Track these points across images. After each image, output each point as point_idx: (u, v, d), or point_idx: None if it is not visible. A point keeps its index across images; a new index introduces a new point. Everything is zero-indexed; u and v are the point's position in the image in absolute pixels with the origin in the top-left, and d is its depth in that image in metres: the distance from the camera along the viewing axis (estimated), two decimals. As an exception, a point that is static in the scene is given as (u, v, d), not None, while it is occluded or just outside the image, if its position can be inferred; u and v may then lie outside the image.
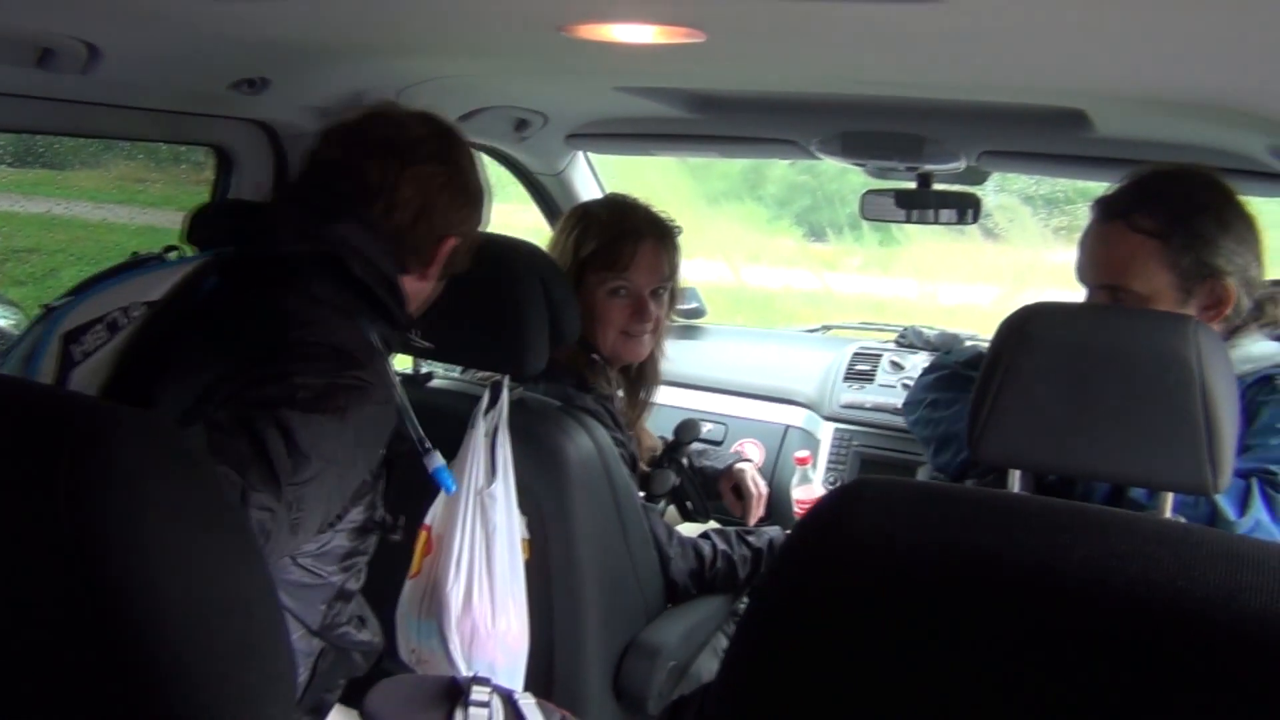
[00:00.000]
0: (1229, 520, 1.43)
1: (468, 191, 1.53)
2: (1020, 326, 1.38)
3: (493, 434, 1.73)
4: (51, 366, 1.31)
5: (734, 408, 2.80)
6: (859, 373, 2.77)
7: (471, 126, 2.28)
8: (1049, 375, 1.34)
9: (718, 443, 2.71)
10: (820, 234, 6.63)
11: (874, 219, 2.64)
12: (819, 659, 0.58)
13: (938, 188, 2.52)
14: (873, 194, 2.58)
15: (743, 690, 0.61)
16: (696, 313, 3.19)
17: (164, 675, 0.60)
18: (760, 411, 2.78)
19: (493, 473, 1.71)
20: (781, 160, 5.07)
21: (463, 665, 1.67)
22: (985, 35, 1.25)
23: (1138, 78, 1.53)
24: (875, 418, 2.65)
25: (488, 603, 1.69)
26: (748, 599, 1.99)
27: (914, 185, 2.51)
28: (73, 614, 0.58)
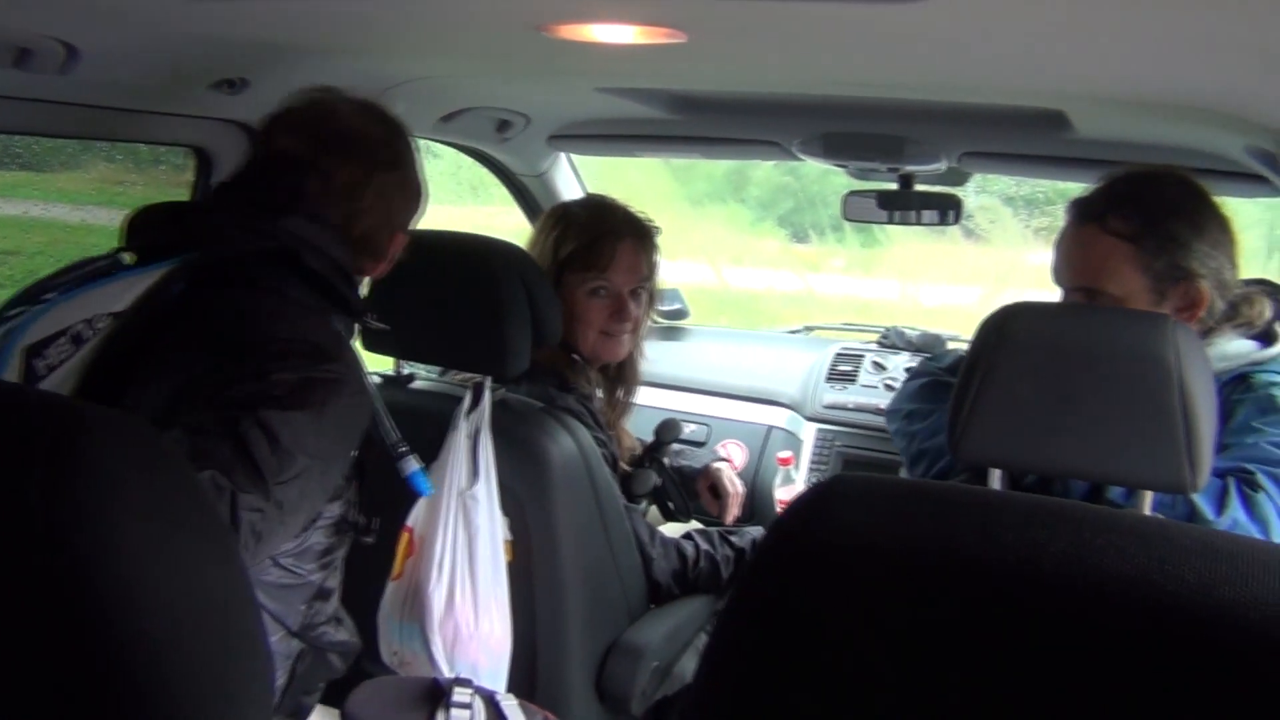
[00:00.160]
0: (1207, 520, 1.43)
1: (417, 190, 1.56)
2: (999, 326, 1.38)
3: (474, 435, 1.72)
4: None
5: (717, 409, 2.81)
6: (841, 373, 2.78)
7: (453, 127, 2.28)
8: (1028, 375, 1.34)
9: (701, 443, 2.72)
10: (803, 235, 6.64)
11: (856, 220, 2.65)
12: (796, 657, 0.58)
13: (919, 189, 2.53)
14: (855, 195, 2.59)
15: (721, 689, 0.61)
16: (679, 314, 3.19)
17: (140, 674, 0.60)
18: (743, 412, 2.78)
19: (475, 474, 1.71)
20: (765, 162, 5.09)
21: (445, 667, 1.67)
22: (963, 36, 1.25)
23: (1116, 79, 1.54)
24: (858, 418, 2.66)
25: (470, 604, 1.69)
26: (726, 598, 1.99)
27: (896, 186, 2.52)
28: (47, 612, 0.57)
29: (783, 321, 3.47)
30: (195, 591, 0.63)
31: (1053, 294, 1.69)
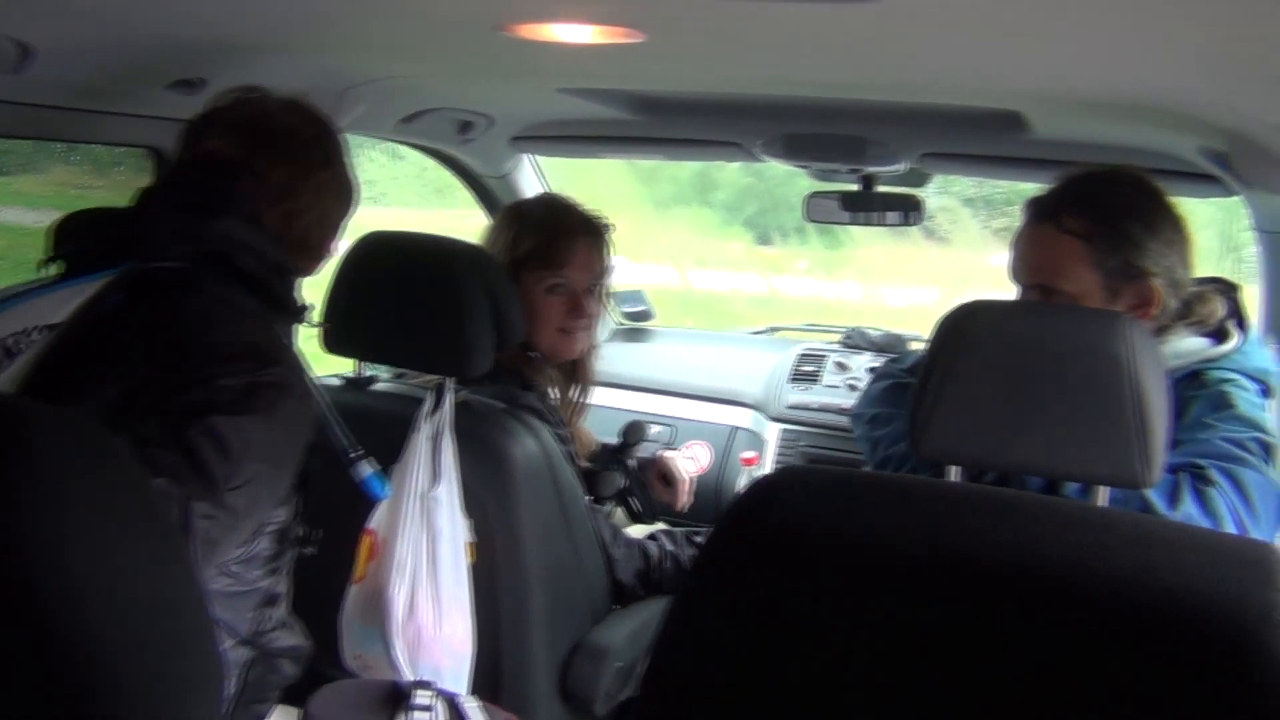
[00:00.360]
0: (1160, 514, 1.45)
1: (350, 187, 1.56)
2: (956, 325, 1.39)
3: (436, 437, 1.72)
4: None
5: (682, 410, 2.82)
6: (805, 374, 2.80)
7: (415, 128, 2.27)
8: (985, 372, 1.35)
9: (666, 444, 2.72)
10: (768, 238, 6.68)
11: (819, 221, 2.67)
12: (745, 643, 0.59)
13: (881, 190, 2.55)
14: (817, 196, 2.60)
15: (672, 675, 0.61)
16: (644, 316, 3.20)
17: (89, 675, 0.59)
18: (708, 413, 2.80)
19: (437, 476, 1.70)
20: (730, 164, 5.11)
21: (407, 670, 1.66)
22: (919, 36, 1.27)
23: (1072, 80, 1.56)
24: (821, 418, 2.68)
25: (432, 606, 1.68)
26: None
27: (857, 187, 2.54)
28: None
29: (748, 323, 3.49)
30: (145, 589, 0.63)
31: (1013, 293, 1.71)
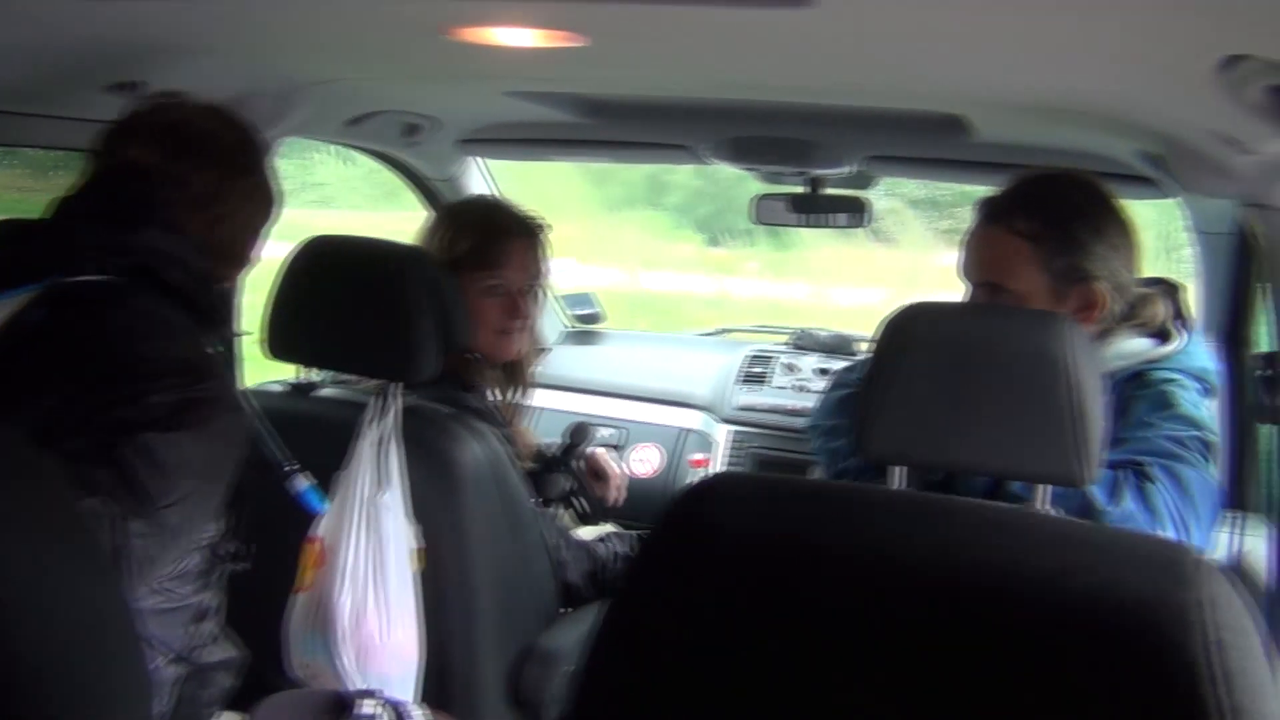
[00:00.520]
0: (1100, 509, 1.48)
1: (271, 192, 1.54)
2: (900, 327, 1.41)
3: (381, 442, 1.70)
4: None
5: (632, 412, 2.82)
6: (754, 375, 2.81)
7: (360, 131, 2.25)
8: (928, 373, 1.37)
9: (616, 446, 2.72)
10: (720, 239, 6.71)
11: (767, 223, 2.69)
12: (678, 647, 0.59)
13: (828, 192, 2.57)
14: (766, 199, 2.62)
15: (606, 678, 0.61)
16: (594, 318, 3.20)
17: (14, 691, 0.58)
18: (658, 415, 2.80)
19: (383, 482, 1.69)
20: (682, 166, 5.12)
21: (354, 678, 1.64)
22: (858, 40, 1.28)
23: (1012, 84, 1.58)
24: (770, 419, 2.70)
25: (379, 614, 1.67)
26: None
27: (805, 190, 2.56)
28: None
29: (700, 324, 3.50)
30: (71, 609, 0.62)
31: (959, 293, 1.73)
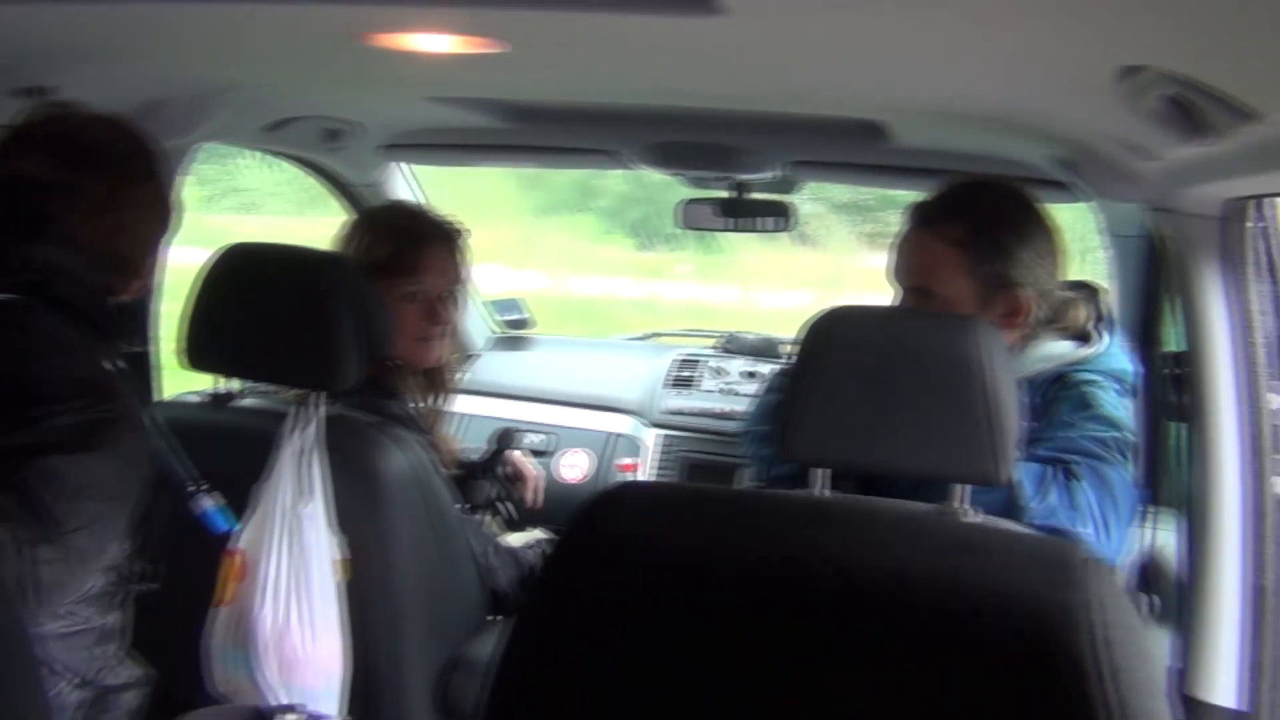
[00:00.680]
0: (1024, 501, 1.51)
1: (169, 204, 1.49)
2: (821, 330, 1.42)
3: (304, 452, 1.68)
4: None
5: (561, 417, 2.82)
6: (682, 379, 2.83)
7: (279, 136, 2.22)
8: (849, 376, 1.38)
9: (545, 452, 2.72)
10: (650, 243, 6.74)
11: (693, 228, 2.70)
12: (584, 654, 0.60)
13: (754, 196, 2.59)
14: (692, 203, 2.64)
15: (517, 686, 0.62)
16: (522, 324, 3.19)
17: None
18: (587, 420, 2.80)
19: (305, 492, 1.67)
20: (613, 171, 5.13)
21: (277, 692, 1.62)
22: (773, 48, 1.29)
23: (927, 92, 1.60)
24: (699, 423, 2.71)
25: (302, 626, 1.65)
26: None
27: (730, 194, 2.58)
28: None
29: (630, 329, 3.52)
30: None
31: (883, 295, 1.75)
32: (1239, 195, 1.56)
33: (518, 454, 2.30)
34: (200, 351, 1.76)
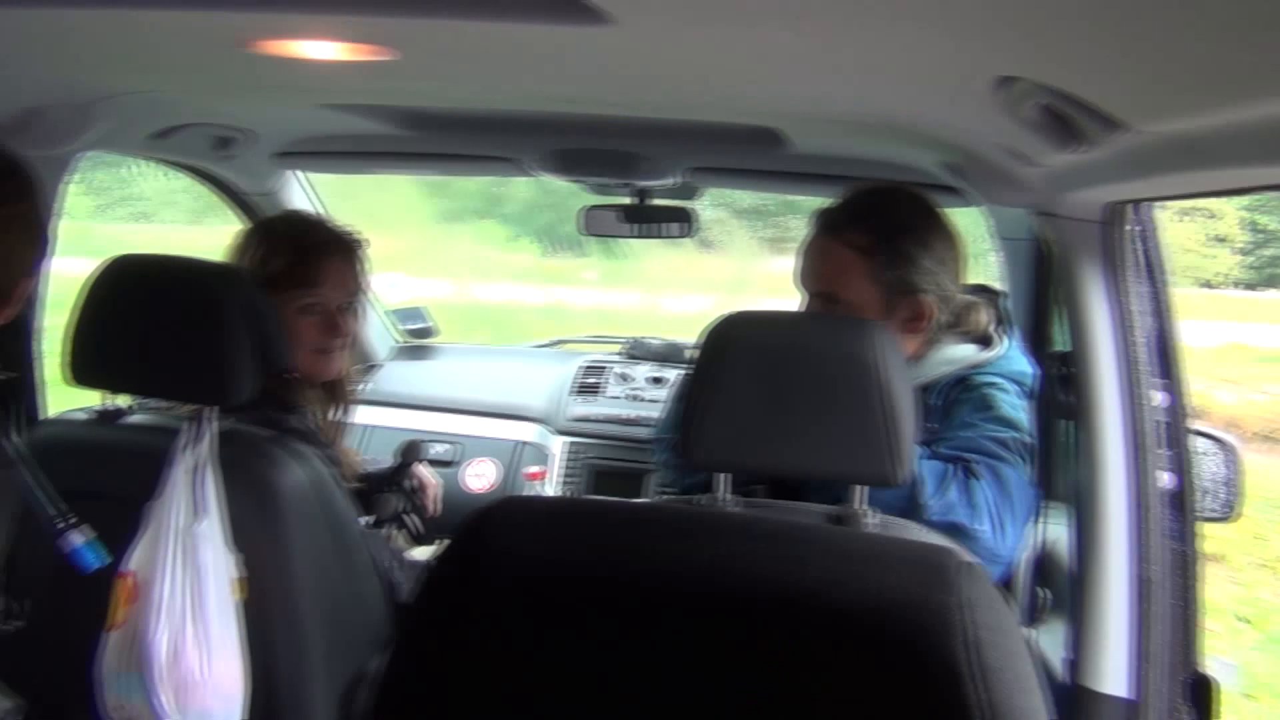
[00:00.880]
0: (923, 497, 1.55)
1: (43, 228, 1.42)
2: (720, 335, 1.43)
3: (197, 469, 1.64)
4: None
5: (466, 426, 2.80)
6: (588, 385, 2.83)
7: (168, 145, 2.16)
8: (747, 380, 1.39)
9: (451, 463, 2.70)
10: (557, 249, 6.73)
11: (596, 234, 2.71)
12: (470, 670, 0.59)
13: (656, 203, 2.61)
14: (594, 210, 2.64)
15: (400, 701, 0.61)
16: (426, 332, 3.16)
17: None
18: (493, 429, 2.79)
19: (199, 511, 1.63)
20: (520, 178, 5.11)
21: (173, 717, 1.58)
22: (663, 58, 1.29)
23: (818, 100, 1.63)
24: (605, 429, 2.72)
25: (200, 648, 1.61)
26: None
27: (632, 201, 2.59)
28: None
29: (537, 335, 3.51)
30: None
31: (786, 299, 1.78)
32: (1117, 200, 1.62)
33: (413, 464, 2.27)
34: (86, 367, 1.71)
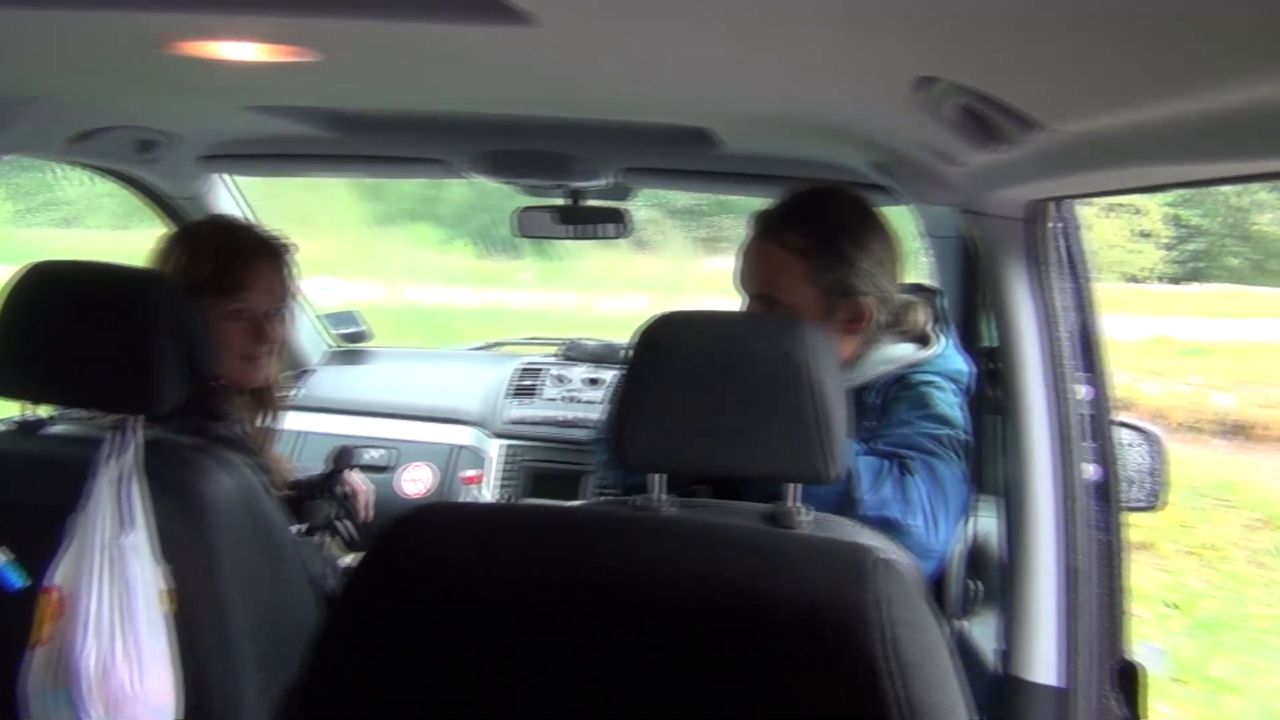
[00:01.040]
0: (858, 492, 1.56)
1: None
2: (652, 335, 1.44)
3: (122, 480, 1.60)
4: None
5: (402, 431, 2.78)
6: (524, 388, 2.82)
7: (88, 148, 2.11)
8: (680, 380, 1.40)
9: (386, 468, 2.67)
10: (493, 251, 6.70)
11: (530, 236, 2.70)
12: (391, 671, 0.59)
13: (590, 204, 2.61)
14: (528, 211, 2.64)
15: (324, 703, 0.61)
16: (359, 336, 3.13)
17: None
18: (428, 433, 2.77)
19: (125, 522, 1.59)
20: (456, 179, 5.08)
21: (102, 733, 1.54)
22: (588, 58, 1.30)
23: (745, 100, 1.64)
24: (542, 431, 2.71)
25: (129, 662, 1.58)
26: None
27: (566, 202, 2.59)
28: None
29: (473, 338, 3.49)
30: None
31: (721, 299, 1.78)
32: (1039, 198, 1.65)
33: (346, 470, 2.25)
34: (5, 377, 1.67)
